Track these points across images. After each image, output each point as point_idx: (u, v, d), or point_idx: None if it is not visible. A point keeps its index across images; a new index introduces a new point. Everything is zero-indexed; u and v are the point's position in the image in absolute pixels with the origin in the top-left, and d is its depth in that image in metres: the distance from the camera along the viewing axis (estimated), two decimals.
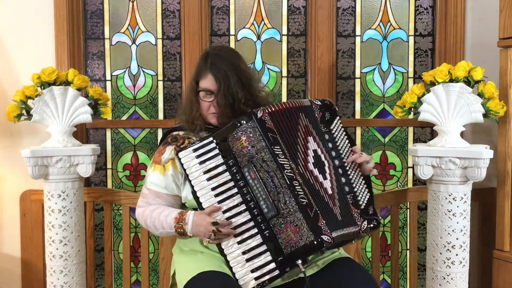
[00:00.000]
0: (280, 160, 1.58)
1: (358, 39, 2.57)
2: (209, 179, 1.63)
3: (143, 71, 2.58)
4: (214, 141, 1.65)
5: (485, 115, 2.08)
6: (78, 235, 2.22)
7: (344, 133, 1.74)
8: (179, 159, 1.66)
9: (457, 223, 2.07)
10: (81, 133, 2.51)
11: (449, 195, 2.07)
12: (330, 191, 1.61)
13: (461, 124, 2.09)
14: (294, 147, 1.62)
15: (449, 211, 2.07)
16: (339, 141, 1.71)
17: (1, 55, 2.44)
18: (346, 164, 1.68)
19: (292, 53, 2.57)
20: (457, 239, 2.07)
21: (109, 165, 2.60)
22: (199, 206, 1.64)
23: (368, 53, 2.58)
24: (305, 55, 2.57)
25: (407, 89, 2.57)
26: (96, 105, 2.25)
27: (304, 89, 2.57)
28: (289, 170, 1.57)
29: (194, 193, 1.64)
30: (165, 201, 1.75)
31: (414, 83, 2.56)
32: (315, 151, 1.64)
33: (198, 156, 1.65)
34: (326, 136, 1.69)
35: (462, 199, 2.07)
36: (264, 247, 1.56)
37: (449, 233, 2.07)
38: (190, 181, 1.65)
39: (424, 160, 2.07)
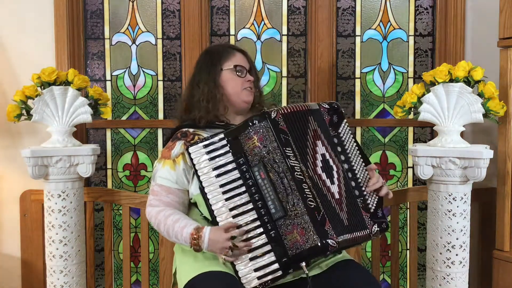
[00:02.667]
0: (291, 162, 1.58)
1: (358, 39, 2.57)
2: (218, 175, 1.62)
3: (143, 71, 2.58)
4: (226, 138, 1.64)
5: (485, 115, 2.08)
6: (78, 235, 2.22)
7: (352, 135, 1.73)
8: (189, 154, 1.65)
9: (457, 223, 2.07)
10: (81, 133, 2.51)
11: (449, 195, 2.07)
12: (337, 196, 1.61)
13: (461, 124, 2.09)
14: (304, 150, 1.61)
15: (449, 211, 2.07)
16: (347, 144, 1.69)
17: (1, 55, 2.44)
18: (355, 167, 1.67)
19: (292, 53, 2.57)
20: (457, 239, 2.07)
21: (109, 165, 2.60)
22: (206, 203, 1.63)
23: (368, 53, 2.58)
24: (305, 55, 2.57)
25: (407, 89, 2.57)
26: (96, 105, 2.25)
27: (304, 89, 2.57)
28: (299, 173, 1.57)
29: (202, 189, 1.63)
30: (178, 197, 1.72)
31: (414, 83, 2.56)
32: (323, 155, 1.64)
33: (208, 152, 1.64)
34: (335, 140, 1.68)
35: (462, 199, 2.07)
36: (268, 247, 1.56)
37: (449, 233, 2.07)
38: (198, 176, 1.63)
39: (424, 160, 2.07)
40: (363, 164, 1.70)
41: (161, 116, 2.59)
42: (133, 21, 2.57)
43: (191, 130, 1.77)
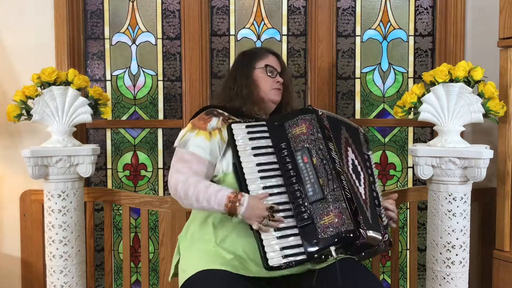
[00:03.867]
0: (332, 154, 1.66)
1: (358, 39, 2.57)
2: (256, 155, 1.66)
3: (143, 71, 2.58)
4: (268, 124, 1.73)
5: (485, 115, 2.08)
6: (78, 235, 2.22)
7: (374, 165, 1.88)
8: (231, 129, 1.69)
9: (457, 223, 2.07)
10: (81, 133, 2.51)
11: (449, 195, 2.07)
12: (363, 197, 1.69)
13: (461, 124, 2.09)
14: (340, 150, 1.71)
15: (449, 211, 2.07)
16: (372, 167, 1.85)
17: (1, 55, 2.44)
18: (377, 185, 1.81)
19: (292, 53, 2.57)
20: (457, 239, 2.07)
21: (109, 165, 2.60)
22: (241, 177, 1.63)
23: (368, 53, 2.58)
24: (305, 55, 2.57)
25: (407, 89, 2.57)
26: (96, 105, 2.25)
27: (304, 89, 2.57)
28: (338, 165, 1.65)
29: (239, 163, 1.64)
30: (206, 169, 1.70)
31: (414, 83, 2.56)
32: (352, 160, 1.75)
33: (249, 133, 1.70)
34: (366, 156, 1.84)
35: (462, 199, 2.07)
36: (296, 230, 1.57)
37: (449, 233, 2.07)
38: (237, 152, 1.66)
39: (424, 160, 2.07)
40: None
41: (161, 116, 2.59)
42: (133, 21, 2.57)
43: (226, 113, 1.81)
